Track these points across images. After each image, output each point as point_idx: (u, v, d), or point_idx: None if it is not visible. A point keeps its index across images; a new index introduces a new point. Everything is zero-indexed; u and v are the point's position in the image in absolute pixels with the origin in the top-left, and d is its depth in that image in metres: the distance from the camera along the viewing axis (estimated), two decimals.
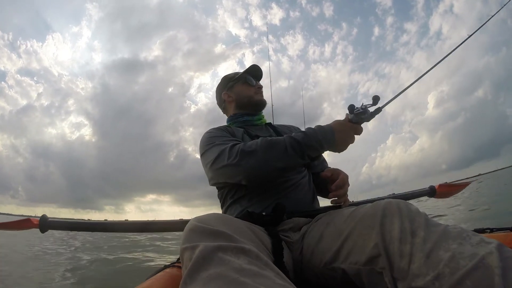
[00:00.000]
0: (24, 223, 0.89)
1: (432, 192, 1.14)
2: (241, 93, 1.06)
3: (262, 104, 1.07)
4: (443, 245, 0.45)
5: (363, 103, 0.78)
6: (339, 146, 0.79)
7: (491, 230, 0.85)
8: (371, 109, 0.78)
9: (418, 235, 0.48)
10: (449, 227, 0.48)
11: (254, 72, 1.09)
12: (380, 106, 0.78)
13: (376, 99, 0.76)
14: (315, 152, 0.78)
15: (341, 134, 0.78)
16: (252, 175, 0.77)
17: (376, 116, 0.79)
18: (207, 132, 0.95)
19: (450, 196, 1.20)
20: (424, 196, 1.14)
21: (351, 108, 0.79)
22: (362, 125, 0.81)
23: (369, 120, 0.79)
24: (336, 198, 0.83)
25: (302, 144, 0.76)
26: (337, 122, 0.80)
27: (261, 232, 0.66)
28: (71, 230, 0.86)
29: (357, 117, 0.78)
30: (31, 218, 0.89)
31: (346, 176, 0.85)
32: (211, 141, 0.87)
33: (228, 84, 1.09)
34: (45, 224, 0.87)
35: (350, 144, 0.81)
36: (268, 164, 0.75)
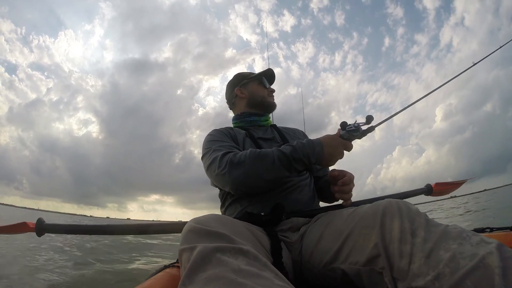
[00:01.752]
0: (20, 227, 0.88)
1: (429, 190, 1.16)
2: (255, 92, 1.08)
3: (273, 106, 1.10)
4: (443, 245, 0.45)
5: (356, 121, 0.78)
6: (327, 161, 0.79)
7: (491, 230, 0.86)
8: (364, 127, 0.78)
9: (418, 235, 0.48)
10: (449, 227, 0.48)
11: (268, 76, 1.11)
12: (374, 125, 0.78)
13: (369, 118, 0.76)
14: (303, 166, 0.78)
15: (330, 149, 0.78)
16: (239, 186, 0.79)
17: (368, 134, 0.79)
18: (208, 135, 0.97)
19: (446, 194, 1.22)
20: (421, 194, 1.16)
21: (344, 125, 0.79)
22: (353, 142, 0.81)
23: (360, 138, 0.80)
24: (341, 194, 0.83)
25: (290, 157, 0.76)
26: (328, 137, 0.80)
27: (259, 232, 0.66)
28: (68, 234, 0.85)
29: (349, 134, 0.78)
30: (26, 222, 0.88)
31: (352, 176, 0.84)
32: (209, 145, 0.90)
33: (243, 81, 1.10)
34: (41, 228, 0.86)
35: (339, 160, 0.81)
36: (255, 176, 0.76)
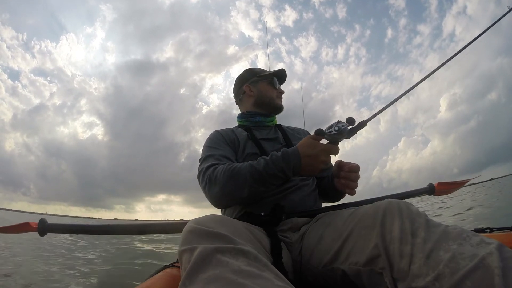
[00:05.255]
0: (23, 227, 0.90)
1: (431, 190, 1.14)
2: (264, 91, 1.05)
3: (280, 109, 1.08)
4: (443, 245, 0.45)
5: (339, 121, 0.70)
6: (306, 172, 0.75)
7: (491, 230, 0.85)
8: (350, 127, 0.70)
9: (419, 235, 0.48)
10: (449, 228, 0.48)
11: (280, 76, 1.09)
12: (365, 119, 0.74)
13: (351, 121, 0.70)
14: (279, 180, 0.76)
15: (308, 159, 0.73)
16: (217, 202, 0.81)
17: (359, 131, 0.72)
18: (208, 138, 0.97)
19: (448, 193, 1.20)
20: (423, 194, 1.15)
21: (320, 132, 0.70)
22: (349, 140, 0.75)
23: (349, 137, 0.72)
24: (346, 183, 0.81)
25: (263, 173, 0.74)
26: (306, 144, 0.74)
27: (259, 232, 0.66)
28: (70, 234, 0.86)
29: (331, 137, 0.71)
30: (29, 222, 0.89)
31: (359, 166, 0.82)
32: (204, 151, 0.91)
33: (253, 78, 1.07)
34: (44, 228, 0.87)
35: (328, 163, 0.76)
36: (229, 194, 0.77)
